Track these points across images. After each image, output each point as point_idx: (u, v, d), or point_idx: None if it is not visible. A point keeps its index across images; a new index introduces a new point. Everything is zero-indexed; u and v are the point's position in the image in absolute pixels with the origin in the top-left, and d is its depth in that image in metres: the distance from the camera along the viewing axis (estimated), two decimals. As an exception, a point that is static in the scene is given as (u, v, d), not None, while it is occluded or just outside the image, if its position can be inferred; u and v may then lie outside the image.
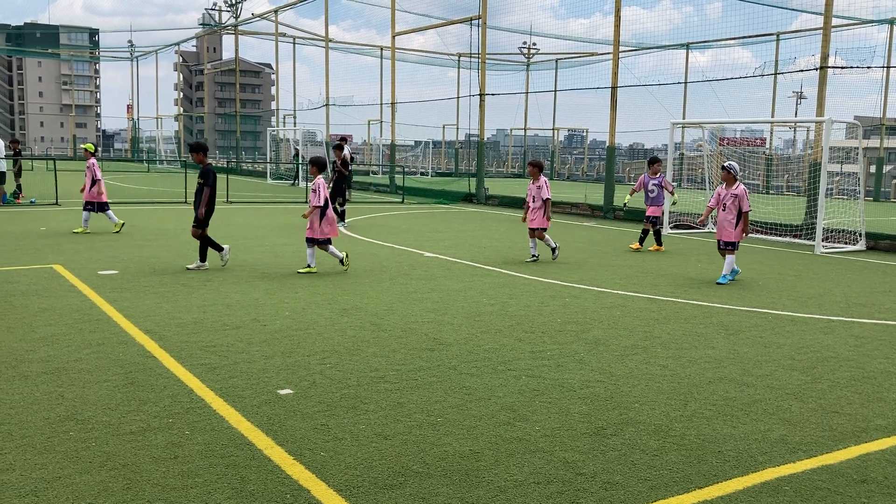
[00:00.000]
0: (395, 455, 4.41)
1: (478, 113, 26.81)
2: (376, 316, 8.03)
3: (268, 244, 13.73)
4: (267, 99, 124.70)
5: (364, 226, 17.78)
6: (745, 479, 4.23)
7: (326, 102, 38.25)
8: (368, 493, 3.94)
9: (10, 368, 5.85)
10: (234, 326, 7.38)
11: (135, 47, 63.16)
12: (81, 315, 7.68)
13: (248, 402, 5.24)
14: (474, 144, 36.22)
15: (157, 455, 4.31)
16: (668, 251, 14.59)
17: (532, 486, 4.06)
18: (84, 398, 5.23)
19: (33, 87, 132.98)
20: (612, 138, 22.73)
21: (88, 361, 6.08)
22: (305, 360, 6.31)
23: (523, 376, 6.02)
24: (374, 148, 57.29)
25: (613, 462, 4.41)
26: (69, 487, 3.89)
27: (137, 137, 66.58)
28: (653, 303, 9.21)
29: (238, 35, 48.46)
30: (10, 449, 4.35)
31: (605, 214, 22.10)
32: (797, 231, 17.42)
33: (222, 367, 6.02)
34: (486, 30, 26.29)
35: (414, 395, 5.50)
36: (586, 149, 61.96)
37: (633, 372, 6.24)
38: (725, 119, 33.25)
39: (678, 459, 4.48)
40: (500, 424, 4.95)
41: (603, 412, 5.25)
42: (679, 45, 42.72)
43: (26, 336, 6.82)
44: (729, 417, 5.22)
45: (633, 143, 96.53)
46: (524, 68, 54.69)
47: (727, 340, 7.41)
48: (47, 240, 13.48)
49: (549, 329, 7.66)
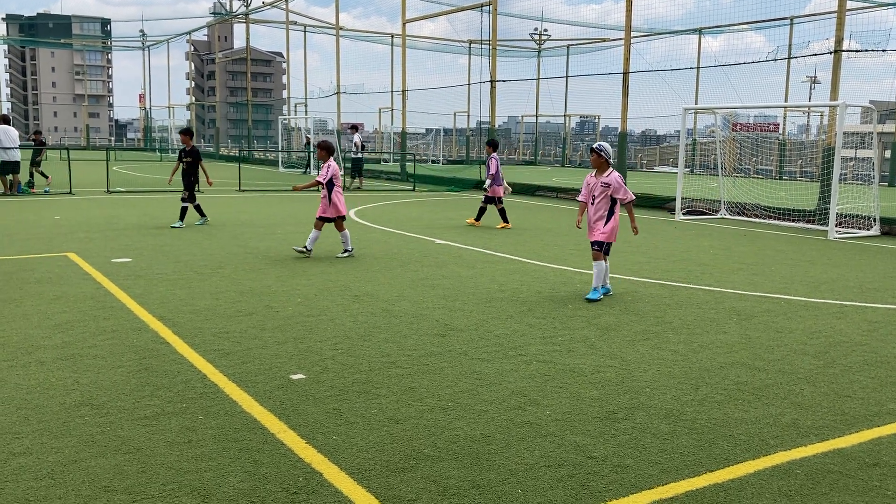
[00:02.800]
0: (406, 439, 4.44)
1: (489, 100, 26.73)
2: (388, 302, 8.06)
3: (280, 232, 13.78)
4: (278, 87, 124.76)
5: (375, 213, 17.81)
6: (756, 463, 4.23)
7: (337, 91, 38.24)
8: (380, 476, 3.97)
9: (27, 354, 5.91)
10: (247, 313, 7.43)
11: (146, 37, 63.31)
12: (95, 302, 7.75)
13: (260, 387, 5.29)
14: (485, 132, 36.15)
15: (172, 439, 4.36)
16: (680, 236, 14.54)
17: (543, 470, 4.08)
18: (99, 384, 5.28)
19: (46, 78, 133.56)
20: (624, 124, 22.63)
21: (103, 348, 6.14)
22: (317, 345, 6.35)
23: (534, 361, 6.04)
24: (385, 136, 57.24)
25: (624, 446, 4.42)
26: (85, 471, 3.93)
27: (150, 127, 66.83)
28: (664, 288, 9.19)
29: (249, 24, 48.46)
30: (27, 433, 4.40)
31: (616, 201, 22.03)
32: (810, 216, 17.32)
33: (235, 353, 6.06)
34: (496, 16, 26.18)
35: (425, 379, 5.53)
36: (598, 135, 61.67)
37: (644, 357, 6.24)
38: (738, 104, 33.05)
39: (689, 443, 4.49)
40: (510, 409, 4.97)
41: (614, 396, 5.26)
42: (691, 31, 42.41)
43: (42, 323, 6.88)
44: (740, 402, 5.22)
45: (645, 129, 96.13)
46: (535, 55, 54.46)
47: (739, 325, 7.39)
48: (61, 228, 13.58)
49: (561, 315, 7.67)
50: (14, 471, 3.92)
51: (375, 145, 58.28)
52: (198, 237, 12.76)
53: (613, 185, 8.45)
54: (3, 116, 21.50)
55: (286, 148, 45.44)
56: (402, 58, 32.17)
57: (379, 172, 34.66)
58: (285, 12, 42.54)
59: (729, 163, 24.67)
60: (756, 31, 39.71)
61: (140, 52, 64.90)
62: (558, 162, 56.11)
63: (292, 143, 47.68)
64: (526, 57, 54.84)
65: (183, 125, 62.29)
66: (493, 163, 15.83)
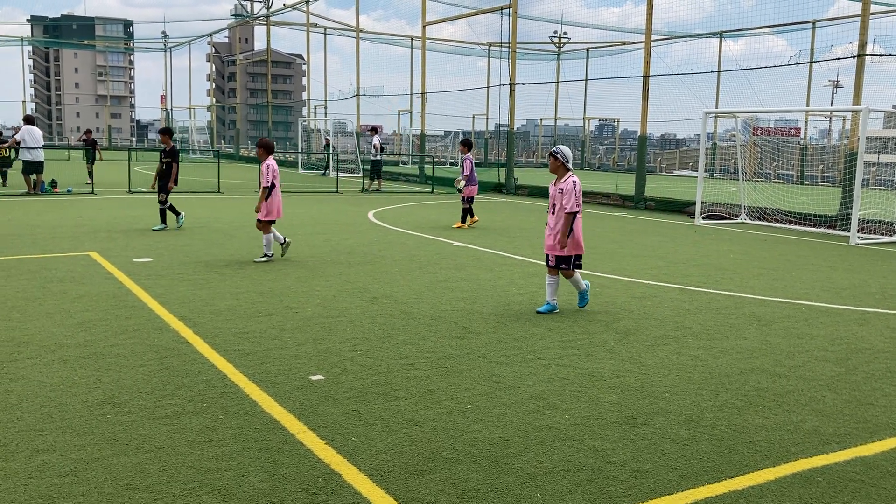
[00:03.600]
0: (425, 441, 4.45)
1: (507, 102, 26.72)
2: (406, 304, 8.08)
3: (299, 233, 13.84)
4: (298, 89, 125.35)
5: (393, 215, 17.84)
6: (777, 470, 4.20)
7: (357, 93, 38.36)
8: (399, 478, 3.98)
9: (50, 353, 5.98)
10: (267, 313, 7.47)
11: (168, 38, 63.78)
12: (117, 301, 7.82)
13: (280, 387, 5.32)
14: (504, 134, 36.13)
15: (192, 438, 4.39)
16: (699, 241, 14.46)
17: (561, 474, 4.07)
18: (120, 382, 5.33)
19: (69, 78, 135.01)
20: (644, 128, 22.54)
21: (124, 346, 6.20)
22: (337, 346, 6.37)
23: (553, 365, 6.03)
24: (404, 138, 57.32)
25: (643, 451, 4.41)
26: (107, 469, 3.98)
27: (171, 128, 67.35)
28: (684, 293, 9.14)
29: (270, 26, 48.74)
30: (50, 430, 4.46)
31: (636, 205, 21.95)
32: (832, 222, 17.16)
33: (255, 353, 6.10)
34: (516, 19, 26.17)
35: (444, 382, 5.53)
36: (617, 138, 61.51)
37: (663, 362, 6.21)
38: (759, 108, 32.80)
39: (709, 449, 4.46)
40: (529, 412, 4.97)
41: (633, 401, 5.24)
42: (712, 34, 42.17)
43: (65, 321, 6.96)
44: (761, 408, 5.18)
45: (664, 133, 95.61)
46: (555, 57, 54.36)
47: (759, 331, 7.34)
48: (84, 228, 13.72)
49: (579, 319, 7.65)
50: (38, 467, 3.96)
51: (394, 147, 58.39)
52: (218, 238, 12.84)
53: (565, 191, 7.69)
54: (28, 117, 21.77)
55: (306, 149, 45.63)
56: (421, 60, 32.23)
57: (397, 174, 34.73)
58: (306, 14, 42.75)
59: (749, 167, 24.51)
60: (777, 34, 39.50)
61: (162, 54, 65.45)
62: (577, 165, 55.99)
63: (312, 145, 47.85)
64: (545, 60, 54.77)
65: (203, 126, 62.77)
66: (467, 164, 16.14)
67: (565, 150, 7.91)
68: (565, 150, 7.91)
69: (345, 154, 40.44)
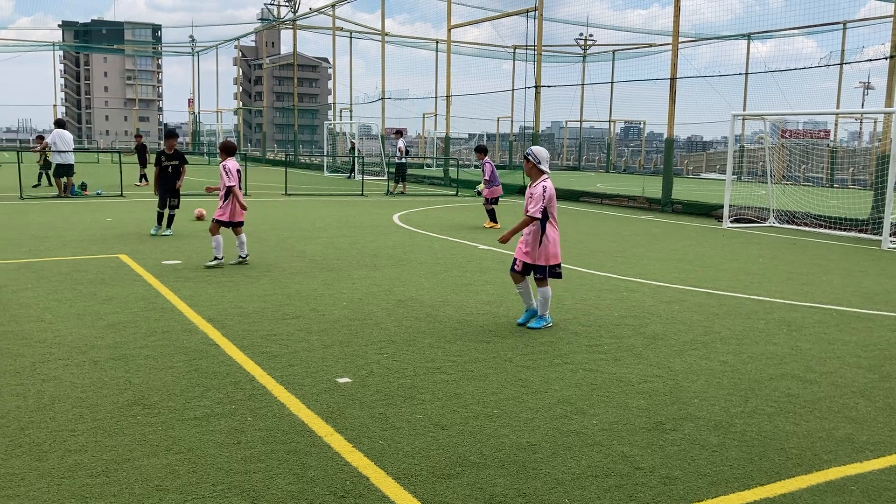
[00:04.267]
0: (452, 445, 4.45)
1: (533, 105, 26.66)
2: (432, 307, 8.08)
3: (325, 235, 13.91)
4: (324, 93, 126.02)
5: (418, 218, 17.87)
6: (809, 478, 4.15)
7: (382, 96, 38.48)
8: (426, 481, 3.97)
9: (81, 354, 6.06)
10: (294, 316, 7.51)
11: (196, 42, 64.47)
12: (147, 303, 7.90)
13: (308, 389, 5.34)
14: (529, 137, 36.05)
15: (221, 440, 4.42)
16: (727, 244, 14.32)
17: (590, 480, 4.05)
18: (150, 384, 5.38)
19: (99, 82, 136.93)
20: (671, 130, 22.38)
21: (154, 348, 6.26)
22: (363, 349, 6.39)
23: (580, 370, 6.00)
24: (429, 141, 57.42)
25: (672, 457, 4.37)
26: (138, 469, 4.01)
27: (198, 131, 68.00)
28: (712, 297, 9.06)
29: (296, 30, 49.06)
30: (82, 431, 4.51)
31: (662, 208, 21.79)
32: (863, 226, 16.91)
33: (283, 356, 6.13)
34: (542, 21, 26.11)
35: (470, 386, 5.53)
36: (643, 141, 61.11)
37: (692, 367, 6.16)
38: (788, 111, 32.42)
39: (739, 456, 4.41)
40: (557, 417, 4.94)
41: (661, 407, 5.20)
42: (740, 36, 41.79)
43: (95, 323, 7.05)
44: (791, 414, 5.12)
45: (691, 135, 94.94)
46: (580, 60, 54.16)
47: (789, 336, 7.25)
48: (113, 230, 13.88)
49: (606, 323, 7.61)
50: (70, 467, 4.01)
51: (419, 150, 58.50)
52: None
53: (533, 196, 7.16)
54: (59, 121, 22.09)
55: (331, 153, 45.86)
56: (447, 63, 32.26)
57: (422, 177, 34.78)
58: (332, 18, 42.98)
59: (778, 170, 24.24)
60: (807, 36, 39.06)
61: (189, 58, 66.12)
62: (602, 167, 55.71)
63: (337, 148, 48.09)
64: (571, 62, 54.60)
65: (230, 129, 63.28)
66: (487, 167, 16.70)
67: (538, 152, 7.36)
68: (538, 152, 7.36)
69: (370, 157, 40.60)
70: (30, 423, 4.60)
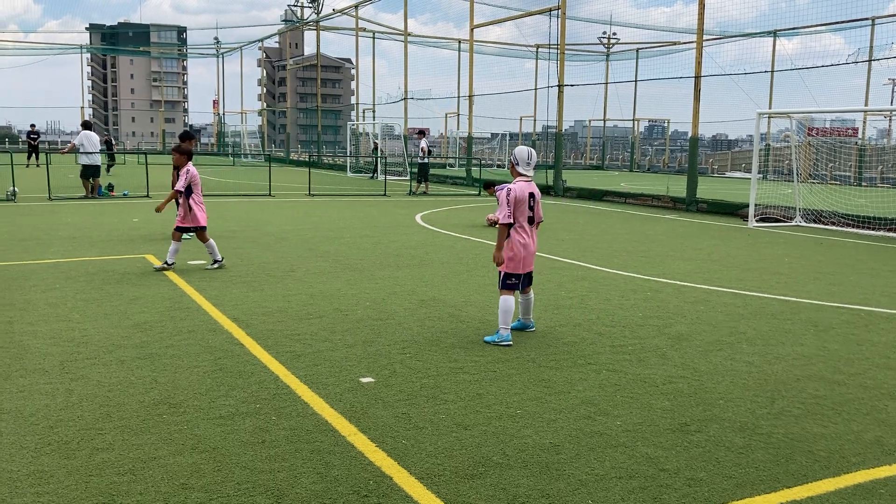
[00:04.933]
0: (475, 445, 4.44)
1: (556, 104, 26.58)
2: (455, 307, 8.08)
3: (348, 236, 13.96)
4: (347, 93, 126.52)
5: (441, 218, 17.87)
6: (836, 481, 4.10)
7: (405, 96, 38.55)
8: (450, 481, 3.98)
9: (108, 353, 6.13)
10: (318, 315, 7.54)
11: (220, 44, 64.95)
12: (172, 303, 7.98)
13: (331, 389, 5.36)
14: (552, 136, 35.94)
15: (246, 439, 4.46)
16: (753, 244, 14.18)
17: (614, 481, 4.03)
18: (176, 383, 5.44)
19: (125, 84, 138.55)
20: (696, 129, 22.20)
21: (179, 348, 6.32)
22: (386, 349, 6.40)
23: (604, 370, 5.97)
24: (451, 141, 57.42)
25: (697, 459, 4.33)
26: (164, 468, 4.05)
27: (223, 132, 68.53)
28: (738, 298, 8.97)
29: (319, 31, 49.29)
30: (109, 429, 4.56)
31: (687, 207, 21.63)
32: (892, 224, 16.67)
33: (306, 355, 6.16)
34: (565, 20, 26.02)
35: (493, 386, 5.52)
36: (667, 139, 60.71)
37: (717, 368, 6.10)
38: (815, 108, 32.05)
39: (765, 458, 4.37)
40: (580, 418, 4.92)
41: (686, 408, 5.16)
42: (766, 33, 41.36)
43: (121, 322, 7.13)
44: (819, 416, 5.06)
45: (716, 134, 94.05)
46: (604, 58, 53.90)
47: (816, 337, 7.17)
48: (139, 230, 14.04)
49: (630, 323, 7.56)
50: (98, 466, 4.06)
51: (441, 150, 58.54)
52: (270, 241, 13.01)
53: (500, 199, 6.73)
54: (86, 122, 22.37)
55: (354, 153, 46.03)
56: (469, 63, 32.24)
57: (445, 177, 34.79)
58: (355, 19, 43.13)
59: (804, 168, 23.97)
60: (834, 32, 38.52)
61: (214, 59, 66.66)
62: (626, 167, 55.41)
63: (360, 149, 48.25)
64: (594, 61, 54.35)
65: (255, 130, 63.69)
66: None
67: (519, 152, 6.74)
68: (519, 152, 6.74)
69: (392, 157, 40.69)
70: (58, 422, 4.66)
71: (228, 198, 22.26)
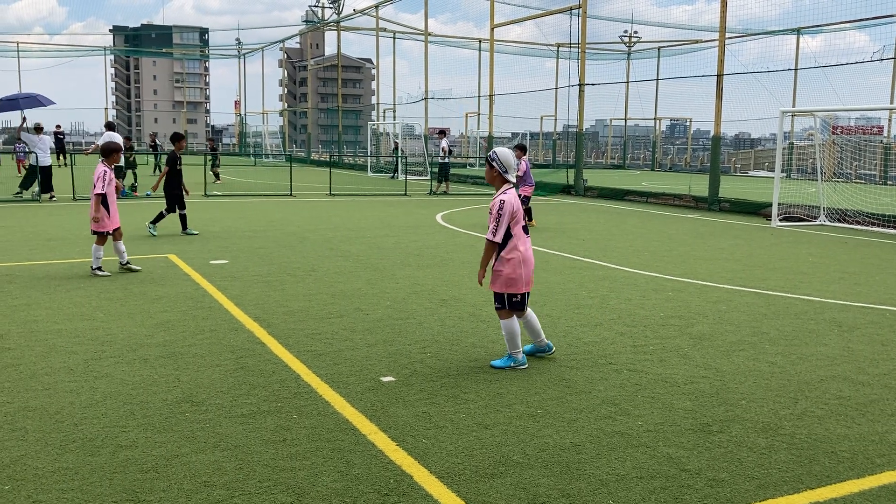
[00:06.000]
0: (495, 444, 4.44)
1: (576, 103, 26.49)
2: (474, 307, 8.08)
3: (368, 235, 14.00)
4: (367, 93, 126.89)
5: (461, 218, 17.88)
6: (860, 482, 4.05)
7: (425, 96, 38.61)
8: (470, 480, 3.98)
9: (132, 352, 6.20)
10: (339, 315, 7.57)
11: (242, 45, 65.33)
12: (195, 302, 8.05)
13: (352, 388, 5.38)
14: (572, 135, 35.84)
15: (267, 438, 4.49)
16: (776, 243, 14.05)
17: (635, 481, 4.01)
18: (198, 381, 5.48)
19: (148, 85, 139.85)
20: (718, 128, 22.04)
21: (202, 346, 6.37)
22: (406, 348, 6.42)
23: (625, 370, 5.94)
24: (472, 140, 57.40)
25: (719, 459, 4.30)
26: (186, 466, 4.09)
27: (245, 132, 68.96)
28: (760, 297, 8.90)
29: (340, 31, 49.46)
30: (132, 427, 4.61)
31: (709, 206, 21.47)
32: (919, 224, 16.43)
33: (327, 354, 6.19)
34: (586, 19, 25.92)
35: (513, 385, 5.52)
36: (689, 138, 60.29)
37: (739, 368, 6.06)
38: (839, 106, 31.68)
39: (788, 459, 4.33)
40: (601, 418, 4.91)
41: (708, 408, 5.13)
42: (789, 31, 40.95)
43: (145, 322, 7.20)
44: (843, 417, 5.00)
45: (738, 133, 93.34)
46: (625, 57, 53.63)
47: (840, 337, 7.09)
48: (162, 231, 14.15)
49: (651, 323, 7.52)
50: (122, 463, 4.11)
51: (462, 150, 58.54)
52: (291, 240, 13.08)
53: (491, 211, 5.91)
54: (109, 123, 22.61)
55: (375, 153, 46.15)
56: (490, 62, 32.23)
57: (465, 177, 34.78)
58: (375, 19, 43.23)
59: (828, 167, 23.70)
60: (859, 29, 37.99)
61: (236, 60, 67.07)
62: (648, 166, 55.10)
63: (380, 149, 48.37)
64: (615, 59, 54.08)
65: (276, 130, 64.04)
66: (522, 165, 15.95)
67: (504, 156, 5.92)
68: (504, 156, 5.92)
69: (413, 157, 40.73)
70: (83, 419, 4.72)
71: (250, 198, 22.39)
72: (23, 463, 4.10)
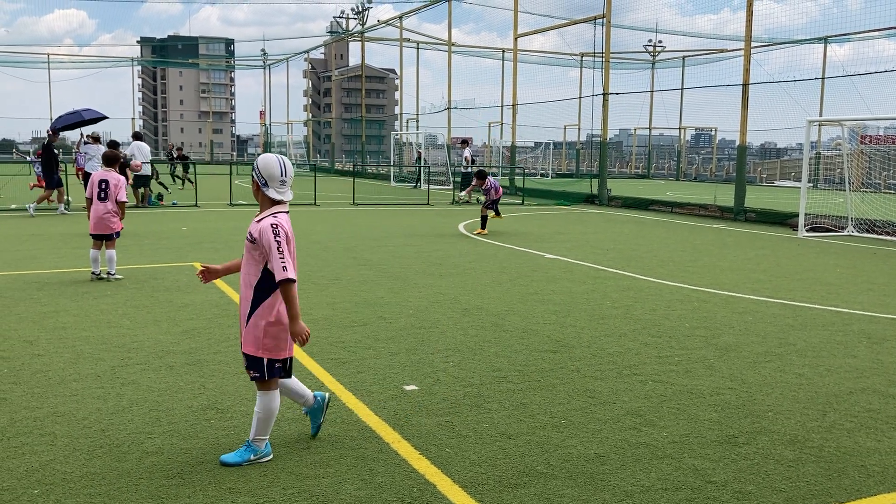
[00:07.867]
0: (519, 455, 4.42)
1: (600, 113, 26.42)
2: (497, 316, 8.07)
3: (391, 244, 14.03)
4: (391, 103, 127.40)
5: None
6: (892, 497, 3.99)
7: (448, 106, 38.68)
8: (493, 490, 3.96)
9: (158, 359, 6.25)
10: (362, 323, 7.60)
11: (267, 56, 65.93)
12: (220, 310, 8.10)
13: (375, 396, 5.39)
14: (596, 145, 35.72)
15: (291, 445, 4.50)
16: (804, 253, 13.89)
17: (660, 493, 3.97)
18: (223, 389, 5.52)
19: (175, 96, 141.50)
20: (744, 137, 21.87)
21: (227, 354, 6.41)
22: (429, 357, 6.42)
23: (649, 381, 5.90)
24: (494, 150, 57.40)
25: (745, 471, 4.25)
26: (211, 472, 4.12)
27: (269, 142, 69.46)
28: (787, 308, 8.80)
29: (364, 42, 49.76)
30: (158, 433, 4.65)
31: (735, 216, 21.29)
32: (949, 234, 16.18)
33: (351, 363, 6.21)
34: (610, 28, 25.88)
35: (537, 396, 5.49)
36: (715, 148, 59.89)
37: (766, 380, 5.99)
38: (867, 116, 31.30)
39: (816, 472, 4.27)
40: (625, 429, 4.87)
41: (734, 420, 5.07)
42: (816, 39, 40.59)
43: (171, 329, 7.26)
44: (872, 430, 4.93)
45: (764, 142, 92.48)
46: (649, 66, 53.45)
47: (870, 349, 6.99)
48: (188, 239, 14.30)
49: (677, 334, 7.46)
50: (147, 469, 4.14)
51: (484, 159, 58.55)
52: (315, 249, 13.15)
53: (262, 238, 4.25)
54: (136, 133, 22.94)
55: (398, 162, 46.29)
56: (513, 72, 32.24)
57: (488, 186, 34.76)
58: (399, 30, 43.45)
59: (857, 177, 23.42)
60: (888, 38, 37.57)
61: (261, 71, 67.71)
62: (672, 175, 54.78)
63: (404, 158, 48.52)
64: (639, 69, 53.93)
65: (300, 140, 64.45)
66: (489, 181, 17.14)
67: (266, 166, 4.25)
68: (266, 166, 4.25)
69: (436, 166, 40.80)
70: (110, 425, 4.77)
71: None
72: (51, 468, 4.14)
